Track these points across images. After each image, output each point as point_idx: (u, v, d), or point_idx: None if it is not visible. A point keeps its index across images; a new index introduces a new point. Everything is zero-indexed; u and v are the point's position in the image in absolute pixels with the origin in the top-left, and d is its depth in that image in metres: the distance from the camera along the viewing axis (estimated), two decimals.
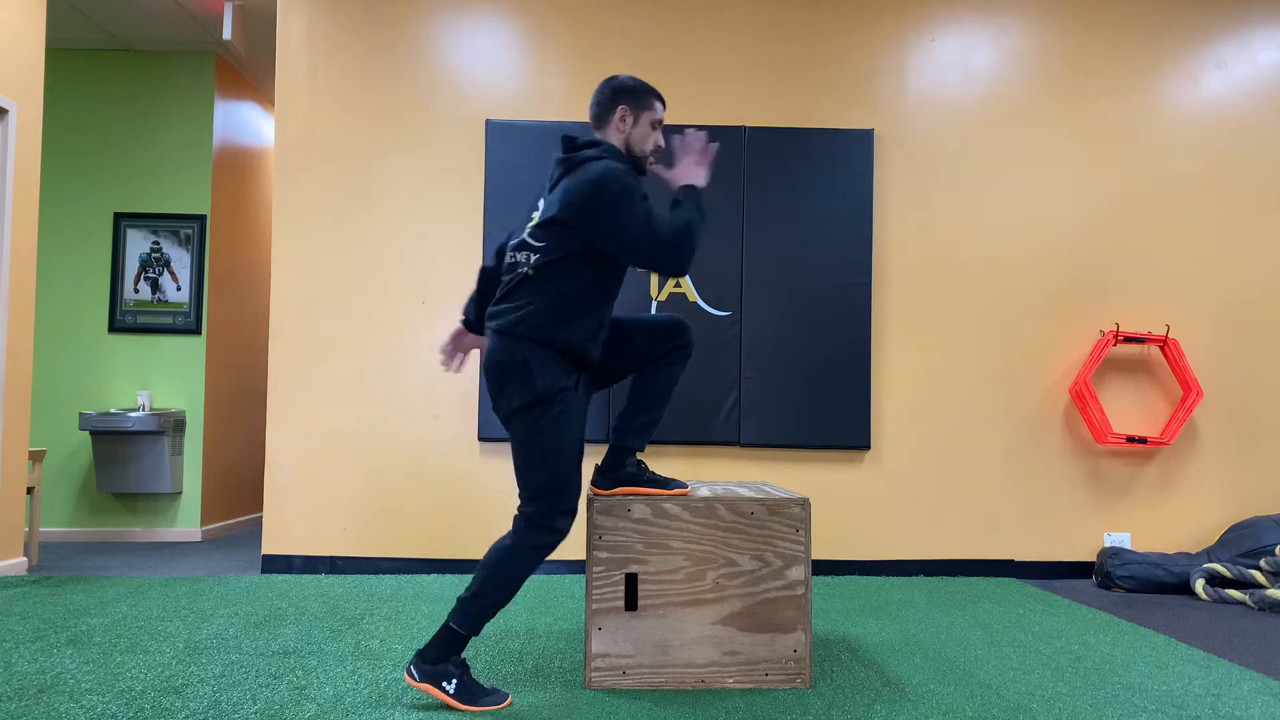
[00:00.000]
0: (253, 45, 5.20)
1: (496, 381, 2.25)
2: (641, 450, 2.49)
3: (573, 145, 2.34)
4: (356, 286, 4.18)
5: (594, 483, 2.49)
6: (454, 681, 2.21)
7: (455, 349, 2.54)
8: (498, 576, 2.22)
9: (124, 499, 5.21)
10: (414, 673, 2.23)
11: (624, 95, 2.35)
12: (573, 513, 2.25)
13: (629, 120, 2.35)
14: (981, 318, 4.27)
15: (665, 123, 4.22)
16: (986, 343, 4.26)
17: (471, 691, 2.22)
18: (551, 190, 2.32)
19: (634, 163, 2.38)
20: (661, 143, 2.41)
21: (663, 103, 2.41)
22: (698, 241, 2.23)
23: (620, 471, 2.46)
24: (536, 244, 2.26)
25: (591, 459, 4.11)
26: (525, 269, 2.25)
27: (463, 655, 2.35)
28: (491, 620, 3.01)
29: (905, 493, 4.21)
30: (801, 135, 4.19)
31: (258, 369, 5.97)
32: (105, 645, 2.73)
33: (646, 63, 4.25)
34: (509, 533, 2.27)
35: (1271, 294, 4.32)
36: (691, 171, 2.31)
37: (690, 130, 2.37)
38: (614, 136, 2.36)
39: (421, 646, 2.35)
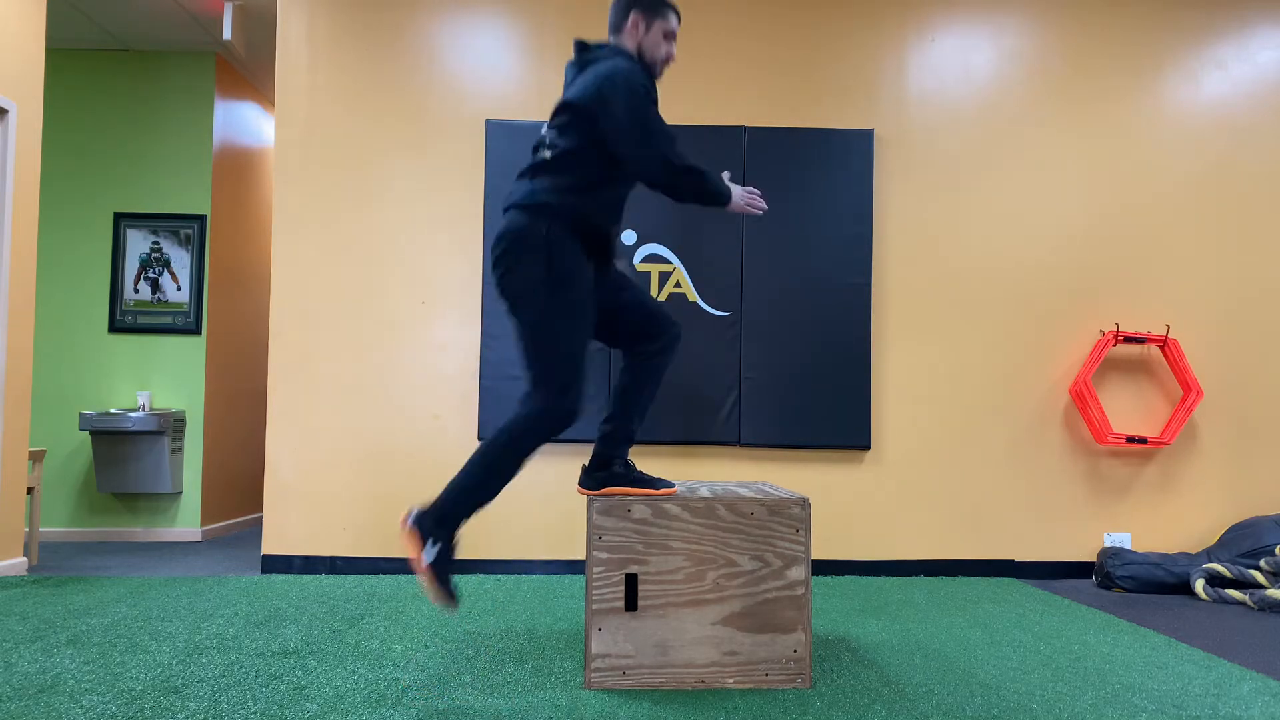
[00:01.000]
0: (253, 45, 5.20)
1: (511, 255, 2.26)
2: (628, 451, 2.51)
3: (585, 47, 2.45)
4: (356, 286, 4.18)
5: (581, 483, 2.49)
6: (438, 546, 2.20)
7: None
8: (493, 456, 2.21)
9: (124, 499, 5.21)
10: (410, 517, 2.23)
11: (638, 3, 2.44)
12: (583, 394, 2.27)
13: (641, 27, 2.44)
14: (981, 318, 4.27)
15: (668, 122, 4.21)
16: (986, 342, 4.27)
17: (444, 568, 2.21)
18: (566, 90, 2.42)
19: (646, 69, 2.45)
20: (674, 53, 2.49)
21: (677, 15, 2.49)
22: (698, 182, 2.29)
23: (607, 472, 2.46)
24: (553, 135, 2.35)
25: (580, 459, 4.10)
26: (544, 153, 2.33)
27: (456, 535, 2.31)
28: (483, 623, 3.00)
29: (905, 493, 4.21)
30: (801, 135, 4.19)
31: (258, 369, 5.97)
32: (105, 645, 2.73)
33: None
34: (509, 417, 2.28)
35: (1271, 294, 4.32)
36: (736, 189, 2.43)
37: (757, 193, 2.48)
38: (628, 42, 2.45)
39: (431, 502, 2.30)
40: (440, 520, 2.23)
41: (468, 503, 2.24)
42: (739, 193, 2.43)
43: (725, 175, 2.49)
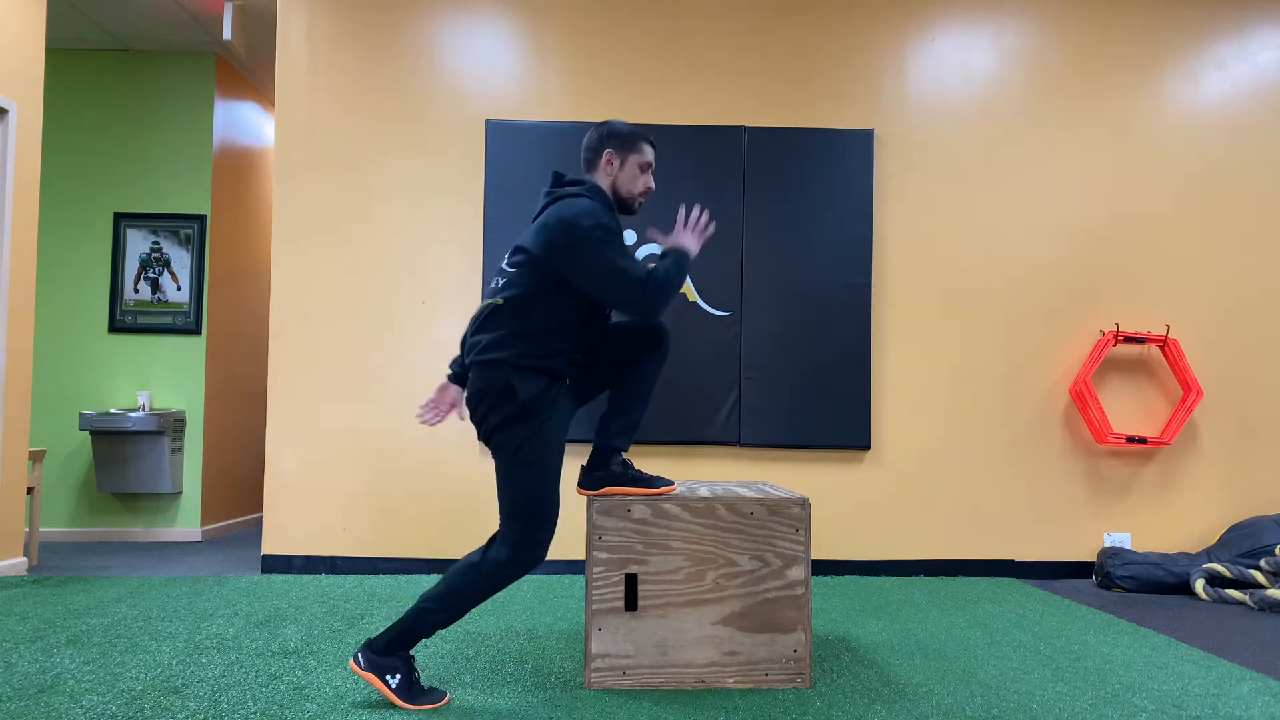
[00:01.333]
0: (253, 45, 5.20)
1: (480, 409, 2.25)
2: (626, 450, 2.50)
3: (559, 181, 2.39)
4: (356, 286, 4.18)
5: (580, 484, 2.49)
6: (398, 676, 2.22)
7: (438, 404, 2.49)
8: (459, 592, 2.23)
9: (124, 499, 5.22)
10: (360, 660, 2.24)
11: (611, 139, 2.39)
12: (551, 533, 2.26)
13: (616, 163, 2.39)
14: (981, 317, 4.27)
15: (668, 122, 4.22)
16: (986, 342, 4.26)
17: (413, 689, 2.22)
18: (534, 221, 2.37)
19: (621, 204, 2.42)
20: (651, 185, 2.45)
21: (652, 146, 2.45)
22: (670, 292, 2.27)
23: (606, 471, 2.46)
24: (509, 270, 2.30)
25: (580, 459, 4.10)
26: (497, 300, 2.28)
27: (411, 652, 2.35)
28: (483, 623, 3.00)
29: (905, 493, 4.21)
30: (801, 135, 4.19)
31: (258, 369, 5.97)
32: (105, 645, 2.73)
33: (646, 63, 4.25)
34: (479, 549, 2.27)
35: (1271, 294, 4.32)
36: (685, 239, 2.38)
37: (694, 210, 2.44)
38: (602, 179, 2.40)
39: (371, 636, 2.36)
40: (392, 644, 2.23)
41: (425, 627, 2.24)
42: (685, 240, 2.36)
43: (656, 236, 2.48)
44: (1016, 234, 4.29)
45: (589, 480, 2.47)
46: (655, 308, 2.25)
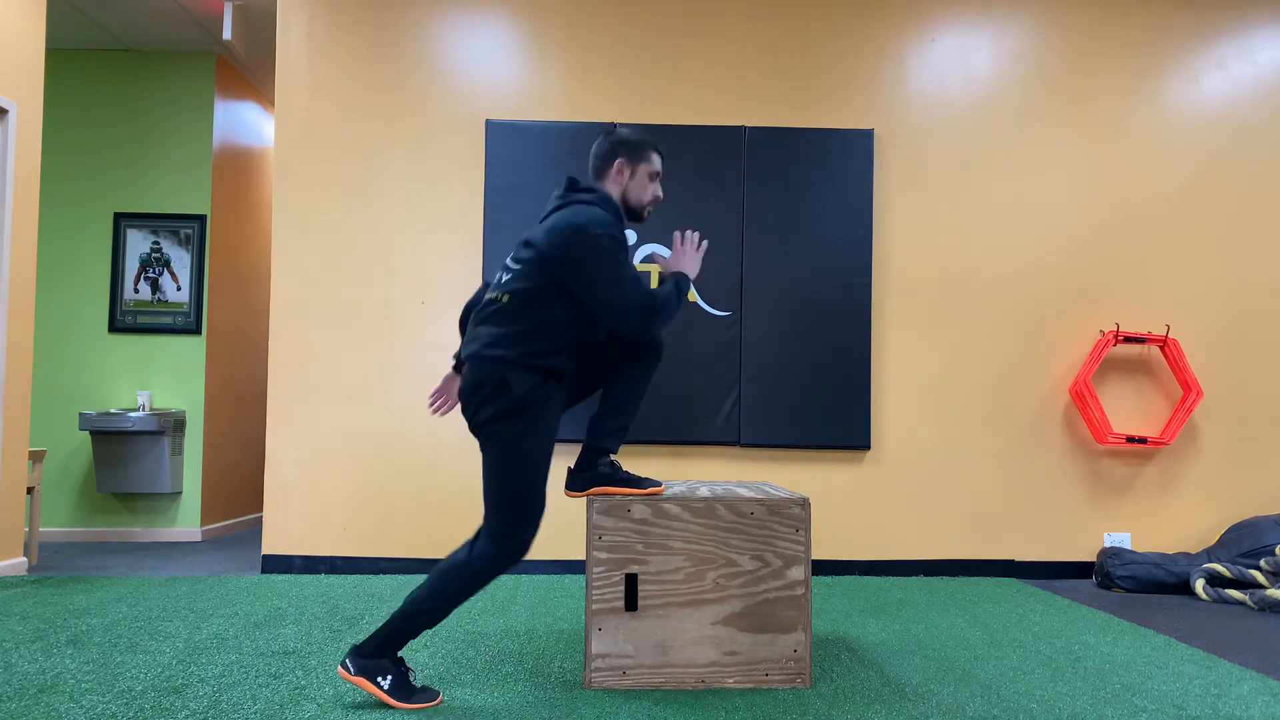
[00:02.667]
0: (253, 45, 5.20)
1: (473, 403, 2.25)
2: (615, 451, 2.51)
3: (573, 186, 2.39)
4: (356, 286, 4.18)
5: (567, 485, 2.49)
6: (389, 677, 2.22)
7: (444, 393, 2.54)
8: (444, 592, 2.22)
9: (124, 499, 5.21)
10: (349, 666, 2.23)
11: (622, 148, 2.40)
12: (536, 528, 2.26)
13: (626, 173, 2.40)
14: (981, 317, 4.27)
15: (668, 122, 4.22)
16: (986, 342, 4.27)
17: (407, 688, 2.22)
18: (541, 222, 2.37)
19: (631, 213, 2.43)
20: (660, 194, 2.47)
21: (661, 155, 2.46)
22: (667, 316, 2.28)
23: (594, 472, 2.46)
24: (514, 267, 2.30)
25: (562, 459, 4.10)
26: (503, 298, 2.28)
27: (399, 653, 2.35)
28: (483, 623, 3.00)
29: (905, 493, 4.21)
30: (801, 135, 4.19)
31: (258, 369, 5.97)
32: (105, 645, 2.73)
33: (646, 63, 4.25)
34: (463, 546, 2.27)
35: (1272, 294, 4.32)
36: (685, 262, 2.41)
37: (688, 233, 2.45)
38: (612, 188, 2.41)
39: (358, 642, 2.36)
40: (381, 648, 2.23)
41: (413, 628, 2.24)
42: (687, 264, 2.39)
43: (687, 235, 2.48)
44: (1016, 234, 4.29)
45: (576, 481, 2.47)
46: (648, 328, 2.27)
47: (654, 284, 4.13)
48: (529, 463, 2.23)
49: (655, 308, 2.24)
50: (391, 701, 2.20)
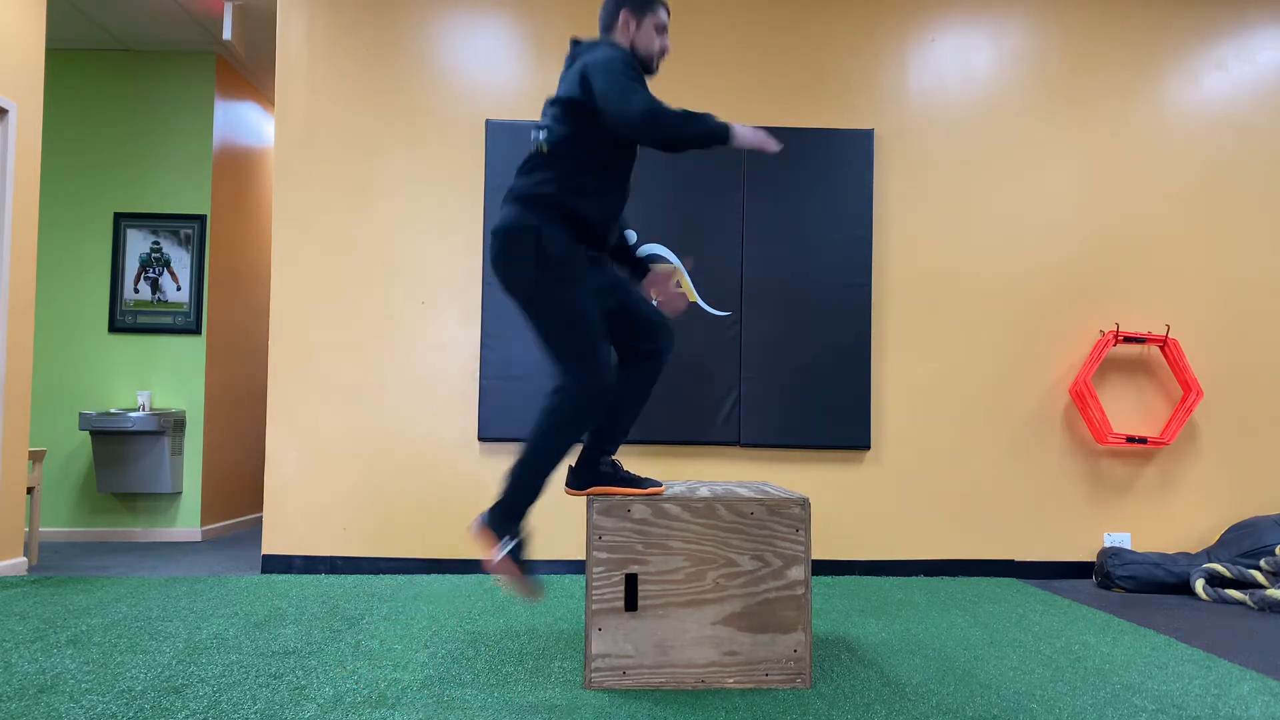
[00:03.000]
0: (253, 45, 5.20)
1: (505, 249, 2.31)
2: (614, 453, 2.53)
3: (578, 43, 2.48)
4: (357, 286, 4.18)
5: (567, 483, 2.52)
6: (513, 543, 2.29)
7: (653, 286, 2.59)
8: (545, 439, 2.27)
9: (124, 499, 5.21)
10: (481, 520, 2.30)
11: (626, 2, 2.45)
12: (606, 363, 2.30)
13: (632, 25, 2.45)
14: (981, 318, 4.27)
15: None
16: (986, 343, 4.26)
17: (520, 563, 2.28)
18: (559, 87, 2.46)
19: (640, 64, 2.47)
20: (668, 46, 2.51)
21: (666, 9, 2.50)
22: (672, 126, 2.19)
23: (593, 472, 2.48)
24: (544, 124, 2.39)
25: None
26: (541, 146, 2.36)
27: (523, 527, 2.38)
28: (483, 623, 3.00)
29: (905, 493, 4.21)
30: (801, 135, 4.19)
31: (258, 369, 5.97)
32: (105, 645, 2.73)
33: None
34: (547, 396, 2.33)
35: (1272, 294, 4.32)
36: (746, 135, 2.24)
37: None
38: (620, 39, 2.47)
39: (494, 502, 2.39)
40: (506, 516, 2.31)
41: (526, 496, 2.32)
42: (746, 130, 2.26)
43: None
44: (1016, 234, 4.29)
45: (576, 480, 2.49)
46: (648, 131, 2.18)
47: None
48: (583, 318, 2.28)
49: (659, 112, 2.19)
50: (501, 565, 2.25)
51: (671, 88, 4.26)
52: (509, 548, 2.28)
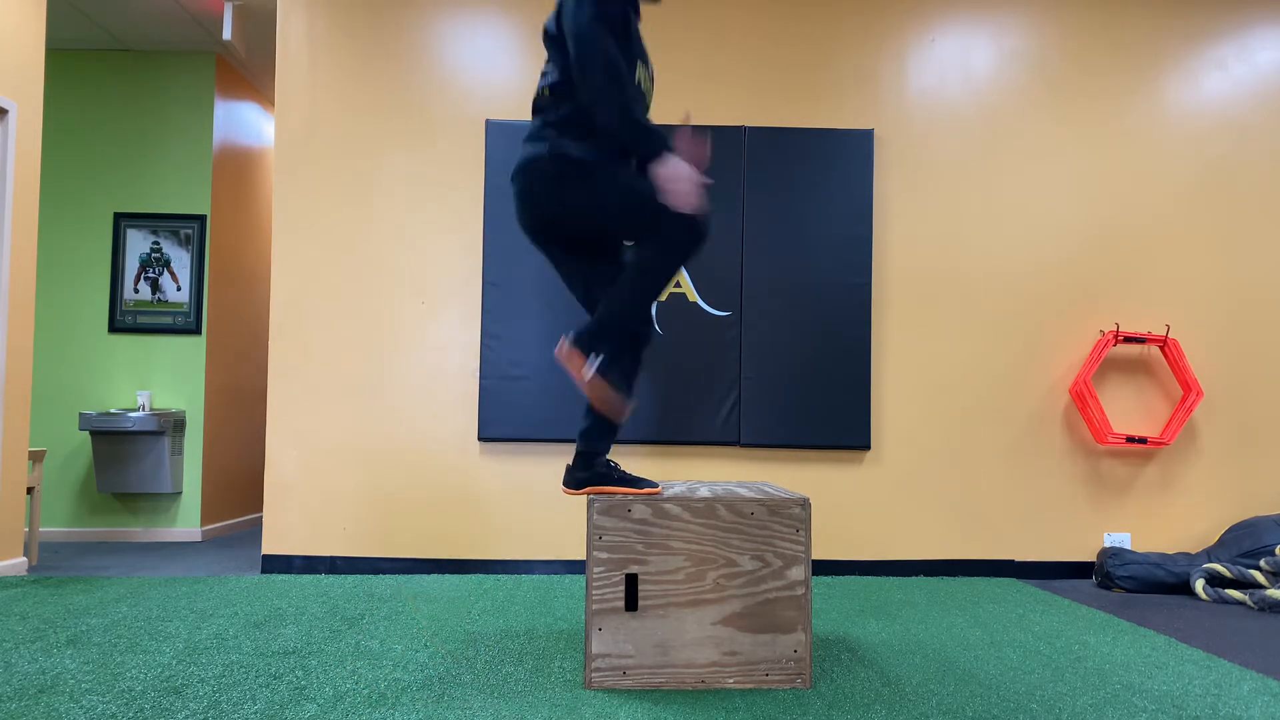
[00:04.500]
0: (253, 45, 5.20)
1: (535, 182, 2.33)
2: (607, 451, 2.53)
3: None
4: (356, 286, 4.18)
5: (565, 483, 2.52)
6: (601, 358, 2.27)
7: (686, 161, 2.46)
8: (649, 270, 2.29)
9: (124, 499, 5.21)
10: (570, 339, 2.28)
11: None
12: (704, 231, 2.30)
13: None
14: (981, 317, 4.27)
15: (668, 122, 4.22)
16: (986, 342, 4.26)
17: (612, 375, 2.31)
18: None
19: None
20: None
21: None
22: (621, 103, 2.19)
23: (590, 471, 2.48)
24: (545, 69, 2.43)
25: (562, 459, 4.10)
26: (545, 92, 2.40)
27: (614, 350, 2.37)
28: (483, 623, 3.00)
29: (905, 493, 4.21)
30: (801, 135, 4.19)
31: (258, 369, 5.97)
32: (105, 645, 2.73)
33: None
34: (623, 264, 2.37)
35: (1272, 294, 4.32)
36: (680, 150, 2.33)
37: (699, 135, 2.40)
38: None
39: (587, 323, 2.35)
40: (598, 335, 2.30)
41: (618, 323, 2.31)
42: (683, 145, 2.33)
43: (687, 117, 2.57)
44: (1016, 234, 4.29)
45: (573, 480, 2.49)
46: (599, 95, 2.19)
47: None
48: (642, 189, 2.26)
49: (622, 80, 2.19)
50: (591, 380, 2.24)
51: (673, 88, 4.26)
52: (598, 364, 2.26)
